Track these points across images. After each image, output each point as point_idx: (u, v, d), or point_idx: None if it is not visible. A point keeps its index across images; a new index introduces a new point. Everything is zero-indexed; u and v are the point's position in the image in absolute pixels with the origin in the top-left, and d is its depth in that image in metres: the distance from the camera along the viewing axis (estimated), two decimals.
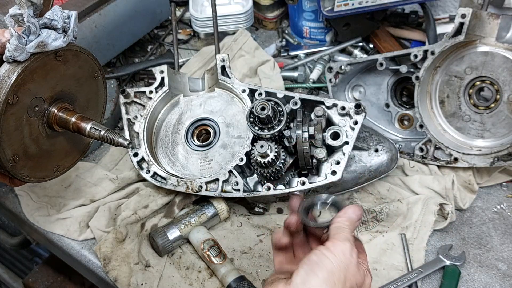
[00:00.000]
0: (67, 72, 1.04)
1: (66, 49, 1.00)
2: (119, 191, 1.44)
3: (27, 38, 0.91)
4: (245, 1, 1.87)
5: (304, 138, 1.23)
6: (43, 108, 1.02)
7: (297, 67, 1.79)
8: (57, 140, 1.10)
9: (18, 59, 0.91)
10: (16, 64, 0.92)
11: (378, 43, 1.78)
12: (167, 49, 1.90)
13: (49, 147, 1.08)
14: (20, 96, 0.95)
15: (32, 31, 0.90)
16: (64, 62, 1.02)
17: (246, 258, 1.32)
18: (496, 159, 1.34)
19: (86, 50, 1.07)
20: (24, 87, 0.95)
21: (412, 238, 1.31)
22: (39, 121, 1.03)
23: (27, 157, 1.03)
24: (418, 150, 1.46)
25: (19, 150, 1.00)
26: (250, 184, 1.34)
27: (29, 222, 1.43)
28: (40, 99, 1.01)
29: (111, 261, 1.29)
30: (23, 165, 1.02)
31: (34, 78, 0.96)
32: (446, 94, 1.43)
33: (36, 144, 1.04)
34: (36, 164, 1.06)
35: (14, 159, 0.99)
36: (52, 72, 1.01)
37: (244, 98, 1.38)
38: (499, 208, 1.40)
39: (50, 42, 0.94)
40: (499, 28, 1.31)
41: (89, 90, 1.14)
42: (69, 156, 1.16)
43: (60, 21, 0.94)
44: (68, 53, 1.02)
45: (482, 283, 1.25)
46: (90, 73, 1.12)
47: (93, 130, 1.03)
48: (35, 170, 1.07)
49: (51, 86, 1.02)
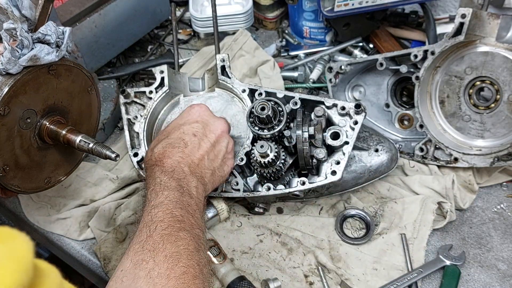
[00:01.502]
0: (59, 85, 1.06)
1: (59, 63, 1.02)
2: (119, 191, 1.44)
3: (20, 52, 0.93)
4: (245, 1, 1.87)
5: (304, 138, 1.23)
6: (35, 120, 1.04)
7: (297, 67, 1.79)
8: (48, 152, 1.11)
9: (11, 72, 0.93)
10: (9, 77, 0.94)
11: (378, 43, 1.78)
12: (167, 49, 1.90)
13: (40, 158, 1.09)
14: (12, 108, 0.96)
15: (25, 45, 0.92)
16: (57, 76, 1.04)
17: (246, 258, 1.32)
18: (496, 159, 1.34)
19: (80, 65, 1.10)
20: (16, 99, 0.96)
21: (412, 238, 1.31)
22: (31, 133, 1.05)
23: (18, 167, 1.04)
24: (418, 150, 1.46)
25: (9, 161, 1.01)
26: (250, 184, 1.34)
27: (29, 222, 1.43)
28: (32, 112, 1.02)
29: (111, 261, 1.29)
30: (13, 176, 1.03)
31: (26, 90, 0.98)
32: (446, 94, 1.43)
33: (27, 155, 1.05)
34: (27, 175, 1.07)
35: (4, 169, 1.00)
36: (45, 86, 1.02)
37: (244, 98, 1.38)
38: (499, 208, 1.40)
39: (43, 56, 0.96)
40: (499, 28, 1.31)
41: (81, 104, 1.16)
42: (61, 169, 1.17)
43: (54, 36, 0.97)
44: (61, 68, 1.04)
45: (482, 283, 1.25)
46: (83, 87, 1.14)
47: (82, 143, 1.06)
48: (26, 181, 1.08)
49: (43, 99, 1.04)
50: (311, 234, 1.35)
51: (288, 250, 1.33)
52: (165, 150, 1.14)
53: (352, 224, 1.37)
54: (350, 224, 1.37)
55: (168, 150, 1.14)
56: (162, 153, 1.13)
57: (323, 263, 1.28)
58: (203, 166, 1.17)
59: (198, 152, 1.17)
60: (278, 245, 1.34)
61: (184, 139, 1.17)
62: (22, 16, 0.90)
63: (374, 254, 1.29)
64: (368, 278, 1.25)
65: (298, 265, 1.30)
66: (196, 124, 1.22)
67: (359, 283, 1.24)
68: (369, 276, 1.26)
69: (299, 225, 1.37)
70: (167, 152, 1.13)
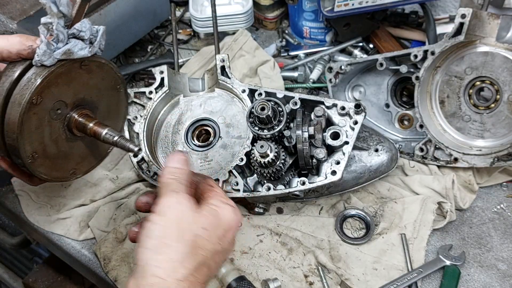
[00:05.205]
0: (90, 81, 1.12)
1: (91, 59, 1.08)
2: (119, 191, 1.44)
3: (56, 46, 0.99)
4: (245, 1, 1.87)
5: (304, 138, 1.23)
6: (65, 112, 1.09)
7: (297, 67, 1.78)
8: (75, 144, 1.16)
9: (45, 64, 0.99)
10: (43, 68, 1.00)
11: (378, 43, 1.78)
12: (167, 49, 1.90)
13: (67, 149, 1.14)
14: (44, 98, 1.02)
15: (60, 39, 0.99)
16: (88, 71, 1.09)
17: (246, 258, 1.32)
18: (496, 159, 1.34)
19: (111, 63, 1.15)
20: (48, 89, 1.02)
21: (412, 238, 1.31)
22: (60, 124, 1.10)
23: (45, 156, 1.09)
24: (418, 150, 1.46)
25: (38, 148, 1.06)
26: (250, 184, 1.34)
27: (29, 222, 1.43)
28: (63, 103, 1.08)
29: (111, 261, 1.29)
30: (41, 163, 1.08)
31: (58, 82, 1.04)
32: (446, 94, 1.43)
33: (56, 145, 1.11)
34: (53, 165, 1.12)
35: (33, 155, 1.05)
36: (76, 80, 1.08)
37: (244, 98, 1.37)
38: (499, 208, 1.40)
39: (76, 51, 1.02)
40: (499, 28, 1.31)
41: (110, 101, 1.21)
42: (86, 161, 1.22)
43: (88, 32, 1.03)
44: (93, 64, 1.10)
45: (482, 283, 1.25)
46: (113, 85, 1.19)
47: (107, 135, 1.10)
48: (52, 170, 1.13)
49: (74, 93, 1.09)
50: (311, 234, 1.35)
51: (288, 250, 1.33)
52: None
53: (352, 224, 1.37)
54: (350, 224, 1.37)
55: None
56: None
57: (323, 263, 1.28)
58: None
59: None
60: (278, 245, 1.34)
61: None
62: (59, 12, 0.96)
63: (374, 254, 1.29)
64: (368, 278, 1.25)
65: (298, 265, 1.30)
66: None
67: (359, 283, 1.24)
68: (369, 276, 1.26)
69: (299, 225, 1.37)
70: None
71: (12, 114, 0.99)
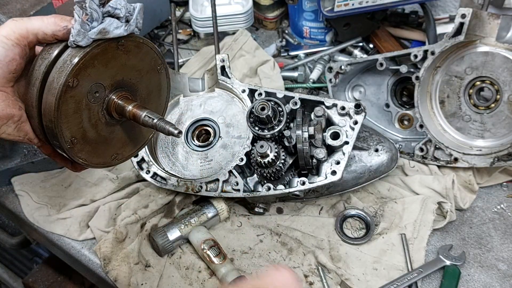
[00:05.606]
0: (128, 62, 1.06)
1: (128, 39, 1.02)
2: (119, 191, 1.44)
3: (90, 25, 0.94)
4: (245, 1, 1.87)
5: (304, 138, 1.23)
6: (103, 95, 1.05)
7: (297, 67, 1.79)
8: (115, 129, 1.12)
9: (80, 44, 0.95)
10: (79, 49, 0.96)
11: (378, 43, 1.78)
12: (167, 49, 1.90)
13: (107, 134, 1.10)
14: (81, 80, 0.98)
15: (94, 18, 0.94)
16: (125, 52, 1.04)
17: (246, 258, 1.32)
18: (496, 159, 1.34)
19: (150, 42, 1.09)
20: (85, 71, 0.98)
21: (412, 238, 1.31)
22: (99, 107, 1.05)
23: (85, 141, 1.05)
24: (418, 150, 1.46)
25: (77, 133, 1.03)
26: (250, 184, 1.34)
27: (29, 222, 1.43)
28: (101, 86, 1.03)
29: (111, 261, 1.29)
30: (80, 149, 1.05)
31: (95, 64, 0.99)
32: (446, 94, 1.43)
33: (95, 130, 1.07)
34: (94, 150, 1.08)
35: (72, 141, 1.02)
36: (113, 61, 1.03)
37: (244, 98, 1.38)
38: (499, 208, 1.40)
39: (112, 29, 0.97)
40: (499, 28, 1.31)
41: (150, 83, 1.15)
42: (128, 147, 1.17)
43: (123, 10, 0.98)
44: (130, 43, 1.04)
45: (482, 283, 1.25)
46: (152, 66, 1.14)
47: (147, 118, 1.05)
48: (93, 156, 1.09)
49: (112, 74, 1.05)
50: (311, 234, 1.35)
51: (288, 250, 1.33)
52: None
53: (352, 224, 1.37)
54: (350, 224, 1.37)
55: None
56: None
57: (323, 263, 1.28)
58: None
59: None
60: (278, 245, 1.34)
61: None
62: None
63: (374, 254, 1.29)
64: (368, 278, 1.25)
65: (298, 265, 1.30)
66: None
67: (359, 283, 1.24)
68: (369, 276, 1.26)
69: (299, 225, 1.37)
70: None
71: (48, 98, 0.96)
